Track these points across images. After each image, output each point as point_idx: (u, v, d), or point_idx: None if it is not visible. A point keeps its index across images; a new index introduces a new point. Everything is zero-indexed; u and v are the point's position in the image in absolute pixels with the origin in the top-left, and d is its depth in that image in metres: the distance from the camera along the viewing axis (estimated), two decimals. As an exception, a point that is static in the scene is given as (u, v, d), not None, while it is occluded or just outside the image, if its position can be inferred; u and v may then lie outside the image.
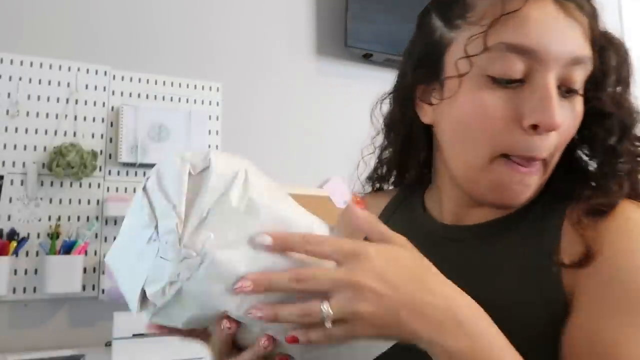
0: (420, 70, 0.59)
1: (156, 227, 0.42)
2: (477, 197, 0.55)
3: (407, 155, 0.68)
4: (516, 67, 0.49)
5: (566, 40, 0.49)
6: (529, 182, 0.52)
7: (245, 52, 1.97)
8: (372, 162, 0.75)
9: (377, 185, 0.75)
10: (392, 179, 0.73)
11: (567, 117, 0.51)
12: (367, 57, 2.11)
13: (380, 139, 0.72)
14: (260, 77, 1.98)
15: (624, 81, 0.54)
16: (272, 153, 1.96)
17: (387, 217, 0.70)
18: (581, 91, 0.52)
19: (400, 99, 0.64)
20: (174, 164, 0.44)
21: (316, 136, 2.04)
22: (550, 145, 0.50)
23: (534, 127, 0.49)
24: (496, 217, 0.58)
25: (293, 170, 1.99)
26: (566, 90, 0.51)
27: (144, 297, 0.44)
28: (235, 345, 0.46)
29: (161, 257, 0.41)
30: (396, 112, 0.65)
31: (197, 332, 0.49)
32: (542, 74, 0.49)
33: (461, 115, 0.53)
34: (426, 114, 0.60)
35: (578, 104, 0.52)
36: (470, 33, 0.52)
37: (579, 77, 0.50)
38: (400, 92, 0.64)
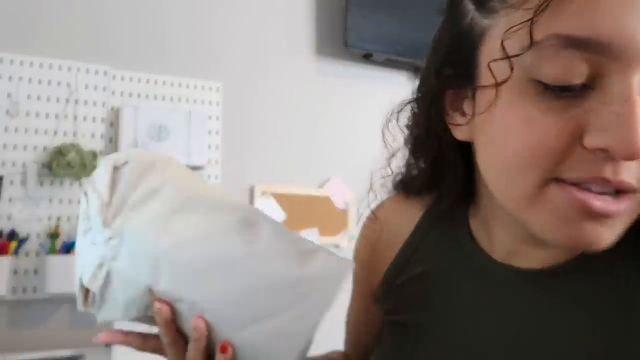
0: (448, 70, 0.44)
1: (88, 218, 0.46)
2: (536, 236, 0.40)
3: (439, 176, 0.52)
4: (578, 70, 0.34)
5: None
6: (608, 222, 0.36)
7: (245, 52, 1.97)
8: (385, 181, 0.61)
9: (405, 189, 0.59)
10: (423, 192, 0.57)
11: None
12: (367, 57, 2.11)
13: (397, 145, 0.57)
14: (260, 77, 1.98)
15: None
16: (272, 153, 1.96)
17: (421, 237, 0.55)
18: None
19: (425, 108, 0.49)
20: (100, 164, 0.48)
21: (316, 136, 2.04)
22: (626, 172, 0.35)
23: (603, 150, 0.35)
24: (569, 259, 0.44)
25: (293, 170, 1.99)
26: None
27: (86, 292, 0.47)
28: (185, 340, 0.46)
29: (93, 244, 0.45)
30: (420, 124, 0.50)
31: (152, 342, 0.48)
32: (620, 77, 0.34)
33: (500, 134, 0.39)
34: (459, 129, 0.45)
35: None
36: (510, 21, 0.37)
37: None
38: (425, 99, 0.49)
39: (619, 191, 0.36)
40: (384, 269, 0.57)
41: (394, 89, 2.41)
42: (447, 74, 0.45)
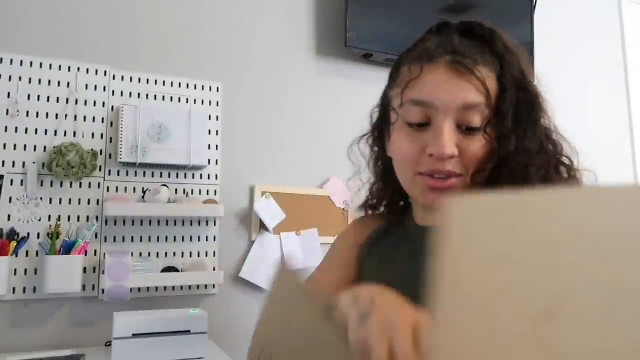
0: (383, 115, 0.79)
1: None
2: (417, 202, 0.76)
3: (389, 185, 0.84)
4: (420, 116, 0.68)
5: (454, 92, 0.66)
6: (444, 193, 0.68)
7: (245, 52, 1.97)
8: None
9: (370, 211, 0.90)
10: (382, 208, 0.89)
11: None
12: (367, 57, 2.11)
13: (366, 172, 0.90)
14: (260, 77, 1.98)
15: None
16: (272, 153, 1.96)
17: (381, 233, 0.85)
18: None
19: (374, 139, 0.84)
20: None
21: (316, 136, 2.04)
22: (449, 165, 0.67)
23: (432, 155, 0.67)
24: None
25: (293, 170, 1.99)
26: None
27: None
28: None
29: None
30: (374, 150, 0.85)
31: None
32: (437, 119, 0.67)
33: (393, 148, 0.75)
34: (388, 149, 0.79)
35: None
36: (394, 91, 0.73)
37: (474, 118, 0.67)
38: (373, 132, 0.84)
39: (449, 176, 0.68)
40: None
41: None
42: (382, 117, 0.80)
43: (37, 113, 1.63)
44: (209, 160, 1.83)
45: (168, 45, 1.85)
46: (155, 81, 1.80)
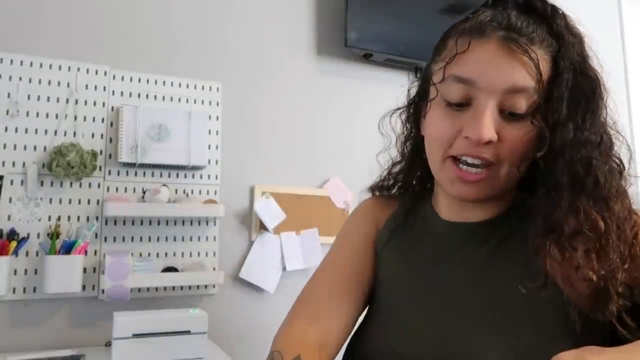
0: (422, 91, 0.74)
1: None
2: (444, 189, 0.70)
3: (414, 167, 0.80)
4: (461, 94, 0.63)
5: (502, 72, 0.61)
6: (474, 184, 0.65)
7: (245, 52, 1.97)
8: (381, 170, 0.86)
9: (379, 193, 0.86)
10: (394, 190, 0.84)
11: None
12: (367, 57, 2.11)
13: (391, 151, 0.83)
14: (260, 77, 1.98)
15: None
16: (272, 153, 1.96)
17: (400, 220, 0.80)
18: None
19: (408, 115, 0.78)
20: None
21: (316, 136, 2.04)
22: (485, 151, 0.63)
23: (468, 138, 0.63)
24: (492, 217, 0.71)
25: (293, 170, 1.99)
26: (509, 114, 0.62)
27: None
28: None
29: None
30: (406, 126, 0.80)
31: None
32: (478, 99, 0.62)
33: (428, 125, 0.70)
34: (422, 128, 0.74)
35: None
36: (437, 66, 0.67)
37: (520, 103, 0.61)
38: (408, 108, 0.78)
39: (483, 165, 0.63)
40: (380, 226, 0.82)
41: (394, 89, 2.40)
42: (421, 92, 0.75)
43: (37, 113, 1.63)
44: (209, 160, 1.83)
45: (168, 45, 1.84)
46: (155, 81, 1.80)
